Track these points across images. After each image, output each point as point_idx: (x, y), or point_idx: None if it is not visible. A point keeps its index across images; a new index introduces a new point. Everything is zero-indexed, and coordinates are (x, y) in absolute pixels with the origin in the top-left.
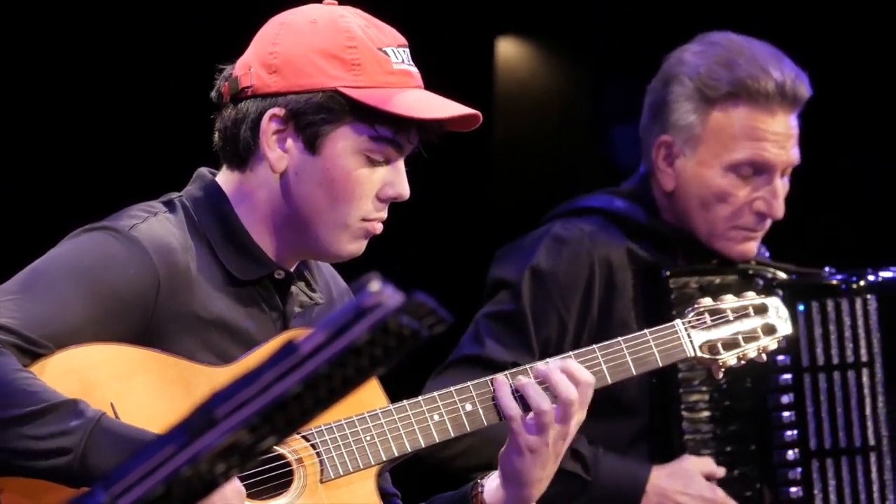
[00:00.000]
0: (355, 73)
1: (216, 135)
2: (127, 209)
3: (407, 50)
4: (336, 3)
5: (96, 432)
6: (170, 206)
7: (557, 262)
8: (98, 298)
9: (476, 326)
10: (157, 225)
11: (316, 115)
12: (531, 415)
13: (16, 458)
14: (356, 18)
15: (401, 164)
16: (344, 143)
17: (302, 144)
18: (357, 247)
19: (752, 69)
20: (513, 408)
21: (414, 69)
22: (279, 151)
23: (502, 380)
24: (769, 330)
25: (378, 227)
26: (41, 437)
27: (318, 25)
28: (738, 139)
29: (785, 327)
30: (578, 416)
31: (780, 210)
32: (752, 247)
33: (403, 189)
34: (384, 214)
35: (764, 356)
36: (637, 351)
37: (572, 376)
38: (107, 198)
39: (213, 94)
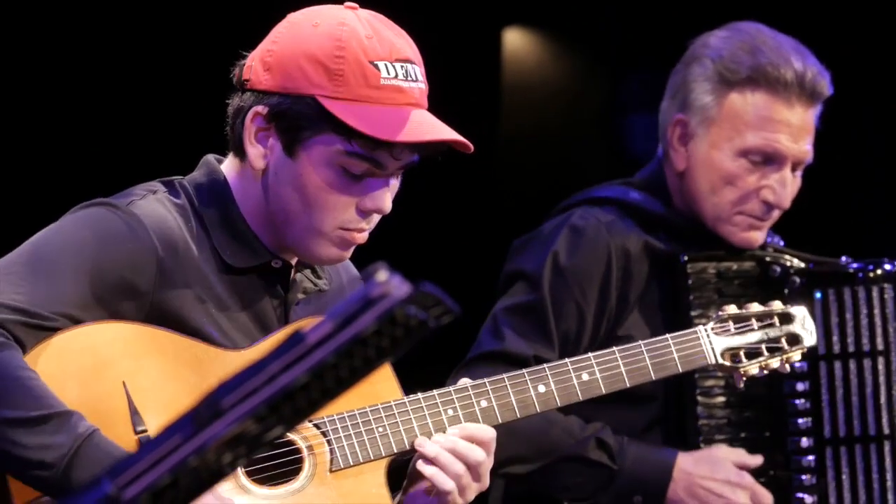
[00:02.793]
0: (336, 83)
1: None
2: (127, 189)
3: (407, 65)
4: (357, 5)
5: (83, 450)
6: (170, 187)
7: (576, 253)
8: (99, 272)
9: (494, 321)
10: (155, 203)
11: (295, 119)
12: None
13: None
14: (361, 27)
15: (386, 178)
16: (320, 152)
17: (281, 146)
18: (335, 253)
19: (774, 57)
20: (447, 481)
21: (409, 85)
22: (260, 149)
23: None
24: (793, 340)
25: (359, 238)
26: (27, 447)
27: (317, 30)
28: (752, 125)
29: (810, 339)
30: (489, 464)
31: (786, 201)
32: (758, 236)
33: (382, 204)
34: (366, 225)
35: (787, 367)
36: (657, 356)
37: (474, 439)
38: (118, 186)
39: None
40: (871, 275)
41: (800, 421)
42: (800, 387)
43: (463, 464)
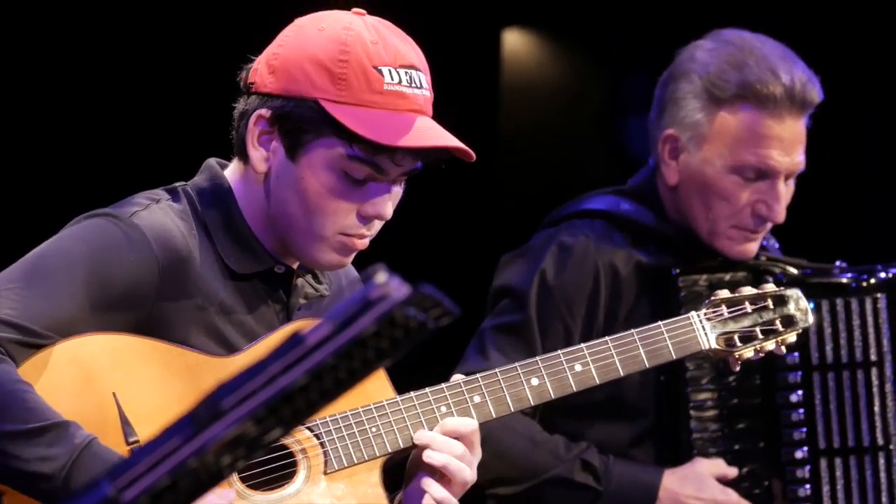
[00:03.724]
0: (339, 87)
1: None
2: (130, 197)
3: (412, 71)
4: (364, 11)
5: (81, 459)
6: (173, 194)
7: (563, 272)
8: (98, 286)
9: (481, 339)
10: (158, 212)
11: (297, 122)
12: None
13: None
14: (367, 32)
15: (386, 185)
16: (321, 156)
17: (284, 149)
18: (336, 258)
19: (761, 72)
20: (441, 491)
21: (412, 92)
22: (263, 152)
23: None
24: (788, 322)
25: (359, 244)
26: (25, 459)
27: (322, 34)
28: (744, 142)
29: (805, 320)
30: (476, 458)
31: (781, 214)
32: (753, 247)
33: (383, 210)
34: (367, 231)
35: (783, 349)
36: (650, 344)
37: (453, 433)
38: (121, 188)
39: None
40: (865, 284)
41: (794, 432)
42: (794, 398)
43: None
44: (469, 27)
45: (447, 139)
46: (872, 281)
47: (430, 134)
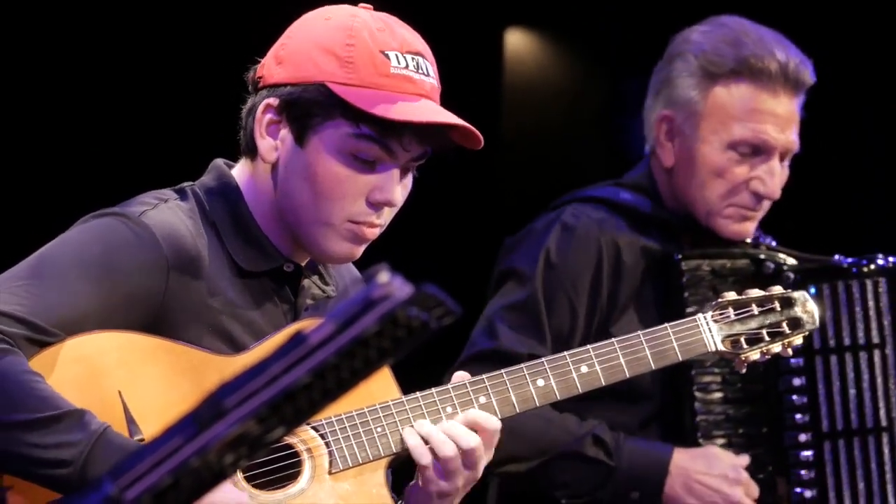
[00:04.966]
0: (347, 70)
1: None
2: (138, 196)
3: (418, 58)
4: (370, 6)
5: (98, 446)
6: (181, 194)
7: (567, 250)
8: (107, 284)
9: (488, 320)
10: (167, 212)
11: (305, 107)
12: (437, 462)
13: (15, 461)
14: (372, 21)
15: (395, 170)
16: (330, 138)
17: (292, 136)
18: (346, 247)
19: (756, 48)
20: (425, 454)
21: (419, 77)
22: (271, 141)
23: (409, 430)
24: (795, 324)
25: (369, 232)
26: (43, 446)
27: (329, 22)
28: (739, 117)
29: (811, 322)
30: (486, 458)
31: (776, 191)
32: (749, 227)
33: (392, 195)
34: (376, 220)
35: (790, 350)
36: (656, 345)
37: (475, 426)
38: (127, 187)
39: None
40: (865, 269)
41: (797, 416)
42: (796, 382)
43: (454, 446)
44: (471, 27)
45: (454, 118)
46: (873, 266)
47: (436, 114)
